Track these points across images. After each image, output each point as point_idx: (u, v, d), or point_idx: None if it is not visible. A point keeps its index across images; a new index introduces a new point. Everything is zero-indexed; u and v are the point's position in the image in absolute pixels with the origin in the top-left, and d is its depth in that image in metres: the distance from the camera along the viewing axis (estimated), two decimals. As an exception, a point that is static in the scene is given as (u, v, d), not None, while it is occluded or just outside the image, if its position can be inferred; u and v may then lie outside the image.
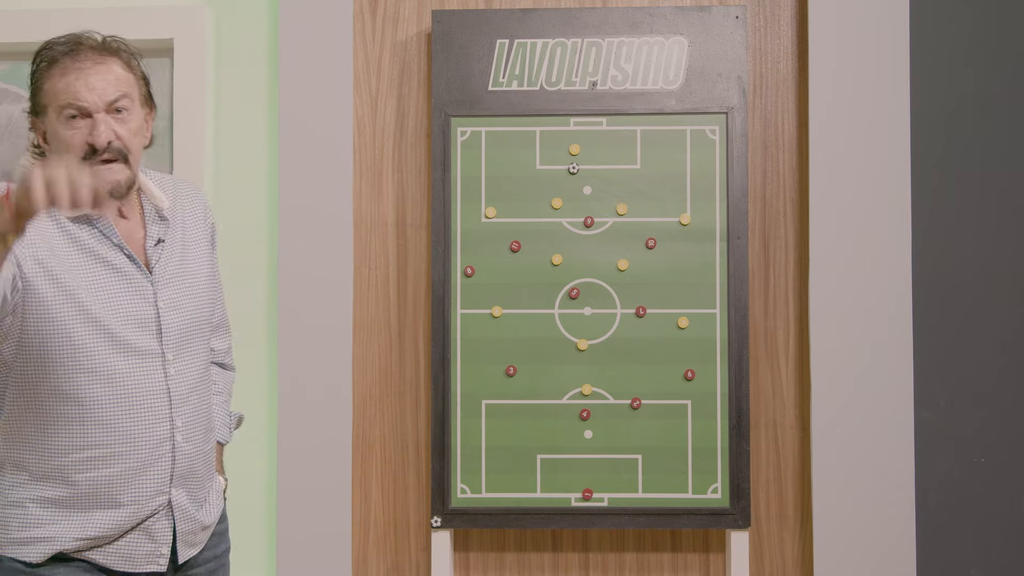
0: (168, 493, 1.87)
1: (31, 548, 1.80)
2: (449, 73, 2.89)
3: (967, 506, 2.90)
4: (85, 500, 1.81)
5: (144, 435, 1.83)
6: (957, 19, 2.94)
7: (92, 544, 1.81)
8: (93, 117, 1.82)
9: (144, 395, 1.83)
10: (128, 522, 1.83)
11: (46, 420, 1.80)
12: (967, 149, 2.94)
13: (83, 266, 1.81)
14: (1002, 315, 2.93)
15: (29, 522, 1.80)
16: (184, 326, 1.91)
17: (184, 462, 1.88)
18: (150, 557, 1.86)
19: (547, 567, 2.94)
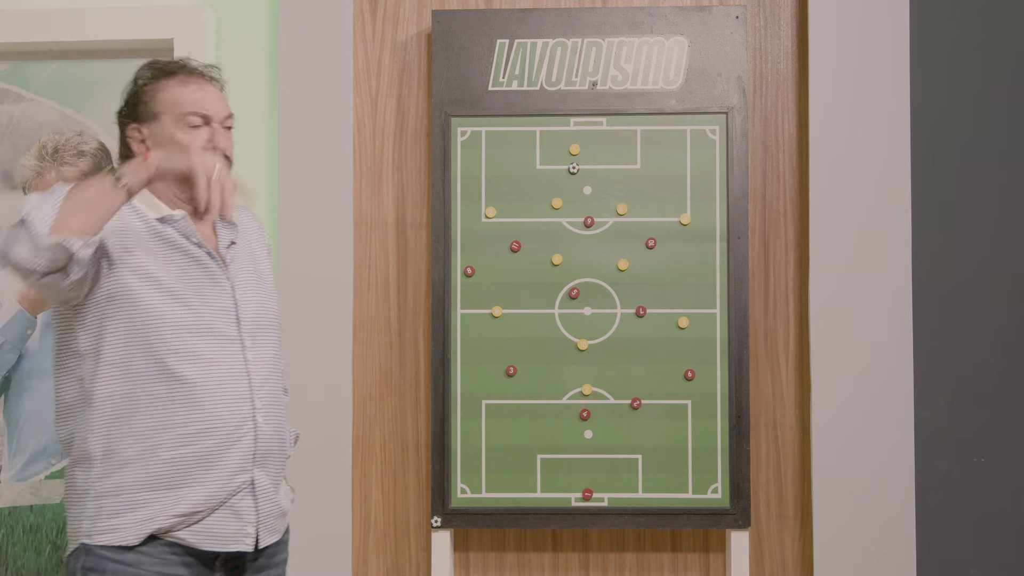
0: (251, 472, 1.95)
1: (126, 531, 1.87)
2: (449, 73, 2.89)
3: (967, 506, 2.90)
4: (175, 478, 1.88)
5: (228, 414, 1.92)
6: (957, 19, 2.94)
7: (184, 522, 1.89)
8: (211, 126, 1.99)
9: (228, 376, 1.94)
10: (215, 498, 1.91)
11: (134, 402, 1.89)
12: (967, 149, 2.94)
13: (169, 258, 1.93)
14: (1002, 315, 2.93)
15: (124, 506, 1.88)
16: (258, 317, 2.04)
17: (264, 442, 1.97)
18: (237, 536, 1.93)
19: (547, 567, 2.94)
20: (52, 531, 3.00)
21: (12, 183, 3.05)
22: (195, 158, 1.80)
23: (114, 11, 2.97)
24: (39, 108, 3.05)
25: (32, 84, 3.05)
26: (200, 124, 1.99)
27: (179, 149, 1.94)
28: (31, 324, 3.03)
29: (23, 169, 3.05)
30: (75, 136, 3.04)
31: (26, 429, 3.02)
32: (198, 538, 1.91)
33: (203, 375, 1.92)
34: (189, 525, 1.90)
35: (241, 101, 2.96)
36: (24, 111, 3.05)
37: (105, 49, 3.02)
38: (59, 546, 3.00)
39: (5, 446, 3.03)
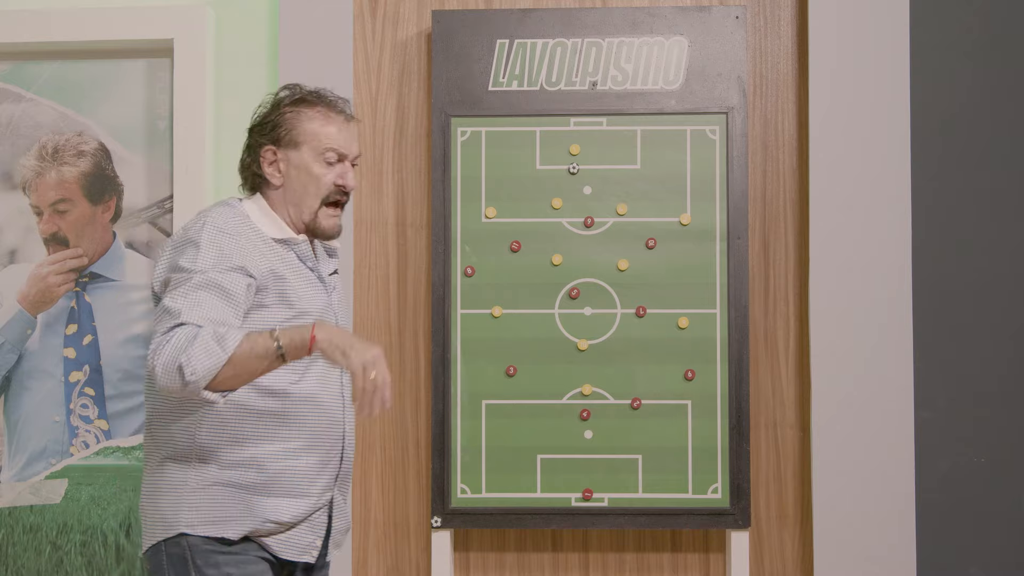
0: (333, 491, 2.07)
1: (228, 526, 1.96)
2: (449, 73, 2.89)
3: (967, 506, 2.90)
4: (276, 488, 1.97)
5: (327, 434, 2.03)
6: (957, 19, 2.94)
7: (277, 529, 1.98)
8: (344, 163, 2.10)
9: (331, 398, 2.04)
10: (305, 513, 2.01)
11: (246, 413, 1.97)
12: (967, 149, 2.94)
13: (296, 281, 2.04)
14: (1002, 315, 2.93)
15: (226, 503, 1.96)
16: None
17: (347, 463, 2.10)
18: (308, 548, 2.04)
19: (547, 567, 2.94)
20: (52, 531, 3.00)
21: (12, 183, 3.05)
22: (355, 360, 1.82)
23: (114, 11, 2.97)
24: (39, 108, 3.05)
25: (32, 84, 3.05)
26: (335, 161, 2.08)
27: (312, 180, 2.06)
28: (31, 324, 3.03)
29: (23, 169, 3.05)
30: (75, 136, 3.04)
31: (26, 429, 3.02)
32: (281, 546, 2.01)
33: (315, 394, 2.01)
34: (276, 533, 2.00)
35: (241, 101, 2.97)
36: (24, 111, 3.05)
37: (105, 49, 3.02)
38: (59, 546, 3.00)
39: (5, 446, 3.03)
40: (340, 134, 2.09)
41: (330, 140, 2.07)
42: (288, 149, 2.08)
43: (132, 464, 3.00)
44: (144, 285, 3.00)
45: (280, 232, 2.07)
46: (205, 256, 1.94)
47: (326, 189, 2.07)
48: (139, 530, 2.97)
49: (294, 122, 2.08)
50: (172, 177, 2.97)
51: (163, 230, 3.01)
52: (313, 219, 2.08)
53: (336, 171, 2.08)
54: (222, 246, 1.97)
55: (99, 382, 3.01)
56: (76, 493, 3.01)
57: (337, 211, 2.10)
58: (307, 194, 2.06)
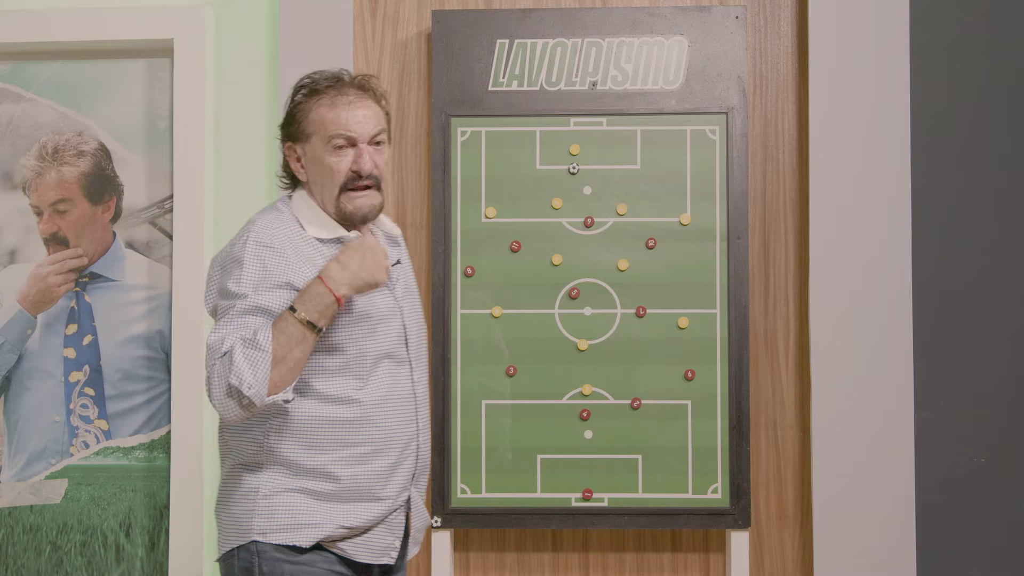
0: (409, 490, 2.05)
1: (299, 533, 1.94)
2: (449, 73, 2.89)
3: (967, 506, 2.90)
4: (349, 493, 1.96)
5: (399, 434, 2.01)
6: (957, 19, 2.94)
7: (350, 534, 1.97)
8: (358, 147, 2.00)
9: (400, 398, 2.02)
10: (380, 515, 2.00)
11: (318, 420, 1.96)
12: (967, 149, 2.94)
13: None
14: (1002, 315, 2.93)
15: (297, 510, 1.95)
16: (419, 338, 2.11)
17: (422, 462, 2.08)
18: (387, 550, 2.02)
19: (547, 567, 2.94)
20: (52, 531, 3.00)
21: (12, 183, 3.05)
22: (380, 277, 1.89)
23: (114, 11, 2.97)
24: (39, 108, 3.05)
25: (32, 84, 3.05)
26: (344, 145, 2.00)
27: (326, 170, 1.99)
28: (31, 324, 3.03)
29: (23, 169, 3.05)
30: (75, 136, 3.04)
31: (26, 429, 3.02)
32: (357, 550, 2.00)
33: (380, 396, 1.99)
34: (351, 537, 1.99)
35: (241, 101, 2.97)
36: (24, 111, 3.05)
37: (105, 49, 3.02)
38: (59, 546, 3.00)
39: (5, 446, 3.03)
40: (349, 116, 2.00)
41: (336, 126, 1.99)
42: (303, 143, 2.04)
43: (132, 464, 3.00)
44: (144, 285, 3.01)
45: (328, 231, 2.03)
46: (249, 275, 1.92)
47: (341, 177, 2.00)
48: (138, 530, 2.97)
49: (304, 113, 2.04)
50: (172, 177, 2.97)
51: (163, 230, 3.01)
52: (337, 208, 2.01)
53: (348, 157, 2.00)
54: (266, 262, 1.94)
55: (99, 382, 3.01)
56: (76, 493, 3.01)
57: (361, 192, 2.01)
58: (325, 185, 2.01)
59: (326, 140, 2.00)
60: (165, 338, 2.99)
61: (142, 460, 3.00)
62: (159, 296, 3.00)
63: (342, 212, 2.02)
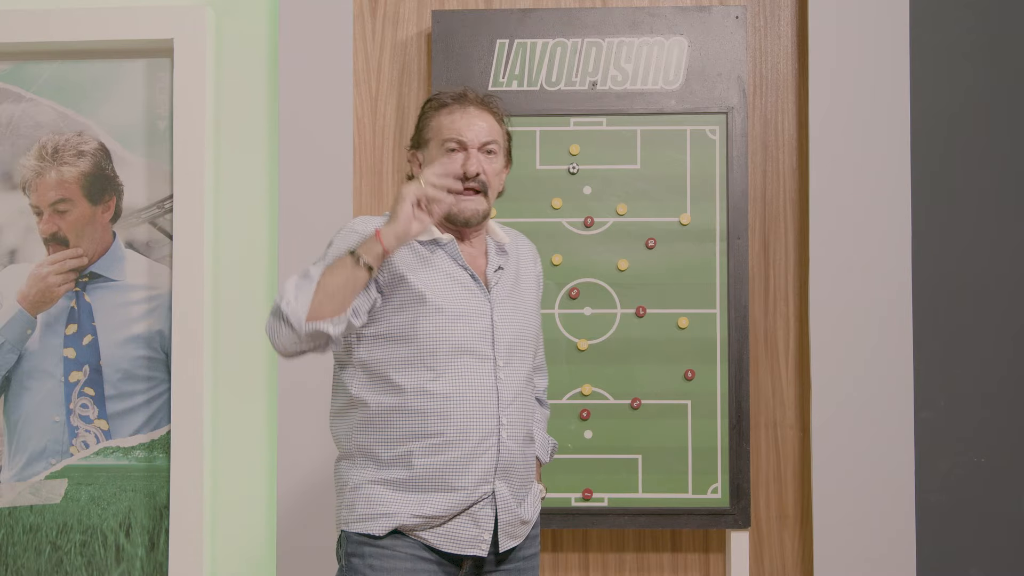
0: (492, 483, 2.09)
1: (375, 523, 2.06)
2: (449, 73, 2.89)
3: (967, 506, 2.90)
4: (423, 483, 2.06)
5: (475, 427, 2.07)
6: (957, 19, 2.94)
7: (426, 524, 2.06)
8: (468, 151, 2.14)
9: (477, 392, 2.08)
10: (458, 506, 2.06)
11: (393, 412, 2.07)
12: (967, 149, 2.94)
13: (435, 280, 2.11)
14: (1002, 315, 2.93)
15: (375, 501, 2.07)
16: (513, 339, 2.16)
17: (507, 456, 2.10)
18: (474, 541, 2.08)
19: (547, 567, 2.94)
20: (52, 531, 3.00)
21: (12, 183, 3.05)
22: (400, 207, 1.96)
23: (114, 11, 2.97)
24: (39, 108, 3.05)
25: (32, 84, 3.05)
26: (456, 148, 2.14)
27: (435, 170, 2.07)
28: (31, 324, 3.03)
29: (23, 169, 3.05)
30: (75, 136, 3.04)
31: (26, 429, 3.02)
32: (439, 540, 2.08)
33: (455, 391, 2.07)
34: (432, 527, 2.07)
35: (241, 101, 2.98)
36: (24, 111, 3.05)
37: (105, 49, 3.02)
38: (59, 546, 3.00)
39: (5, 446, 3.03)
40: (462, 122, 2.14)
41: (450, 130, 2.13)
42: (423, 149, 2.19)
43: (132, 464, 3.00)
44: (144, 285, 3.01)
45: (429, 234, 2.14)
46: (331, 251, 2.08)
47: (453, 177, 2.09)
48: (138, 530, 2.98)
49: (425, 123, 2.19)
50: (172, 177, 2.97)
51: (163, 230, 3.01)
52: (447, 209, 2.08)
53: (458, 160, 2.12)
54: (348, 241, 2.08)
55: (99, 382, 3.01)
56: (76, 493, 3.01)
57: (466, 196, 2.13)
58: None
59: (440, 143, 2.14)
60: (165, 338, 2.99)
61: (142, 460, 3.00)
62: (159, 296, 3.00)
63: (450, 214, 2.13)
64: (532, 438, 2.23)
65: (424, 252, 2.13)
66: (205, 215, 2.94)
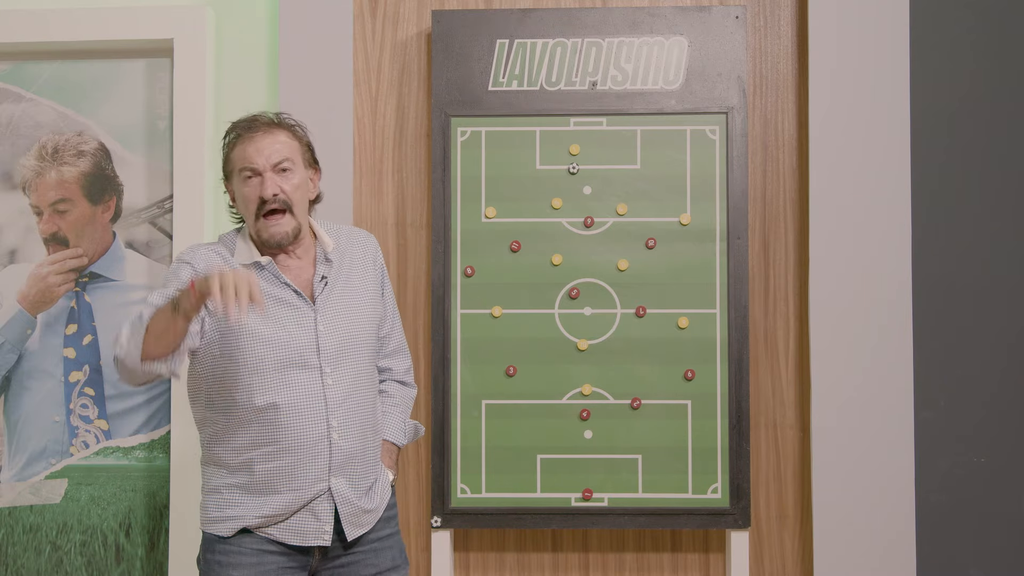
0: (327, 481, 2.24)
1: (224, 525, 2.24)
2: (449, 73, 2.89)
3: (967, 506, 2.90)
4: (263, 486, 2.22)
5: (305, 433, 2.22)
6: (957, 19, 2.94)
7: (269, 521, 2.22)
8: (262, 175, 2.24)
9: (304, 401, 2.22)
10: (295, 503, 2.22)
11: (235, 424, 2.23)
12: (967, 149, 2.94)
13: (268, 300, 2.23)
14: (1002, 315, 2.93)
15: (222, 505, 2.24)
16: (341, 343, 2.28)
17: (340, 455, 2.24)
18: (316, 533, 2.24)
19: (547, 567, 2.94)
20: (52, 531, 3.00)
21: (12, 183, 3.05)
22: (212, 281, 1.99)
23: (114, 11, 2.97)
24: (39, 108, 3.05)
25: (32, 84, 3.05)
26: (251, 176, 2.24)
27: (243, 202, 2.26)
28: (31, 324, 3.03)
29: (23, 169, 3.05)
30: (75, 136, 3.04)
31: (26, 429, 3.02)
32: (284, 534, 2.23)
33: (284, 402, 2.20)
34: (275, 523, 2.23)
35: (241, 101, 2.97)
36: (24, 111, 3.05)
37: (105, 49, 3.02)
38: (59, 546, 3.00)
39: (5, 446, 3.03)
40: (252, 149, 2.24)
41: (243, 160, 2.24)
42: (231, 181, 2.30)
43: (132, 464, 3.00)
44: (144, 285, 3.01)
45: (248, 257, 2.27)
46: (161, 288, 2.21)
47: (252, 205, 2.23)
48: (138, 530, 2.98)
49: (226, 157, 2.30)
50: (172, 177, 2.97)
51: (163, 230, 3.01)
52: (257, 235, 2.25)
53: (254, 187, 2.23)
54: (179, 275, 2.24)
55: (99, 382, 3.01)
56: (76, 493, 3.01)
57: (273, 219, 2.23)
58: (246, 215, 2.26)
59: (239, 174, 2.26)
60: (165, 338, 2.99)
61: (142, 460, 3.00)
62: (159, 296, 3.00)
63: (261, 240, 2.25)
64: (374, 429, 2.35)
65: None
66: (205, 215, 2.94)
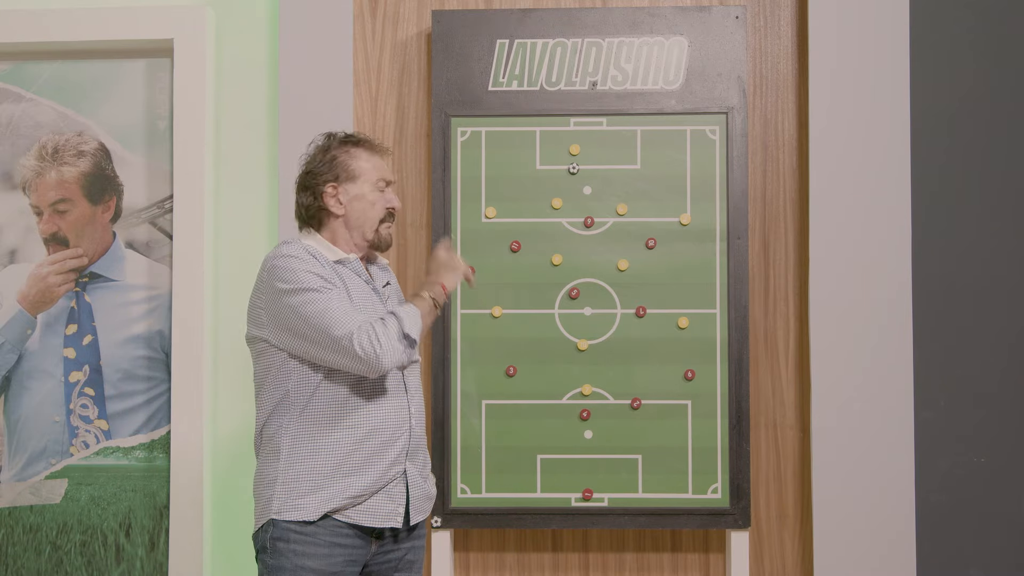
0: (404, 464, 2.37)
1: (311, 509, 2.30)
2: (449, 73, 2.89)
3: (967, 506, 2.90)
4: (351, 468, 2.32)
5: (391, 419, 2.35)
6: (957, 19, 2.94)
7: (353, 503, 2.32)
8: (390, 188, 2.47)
9: (391, 388, 2.37)
10: (376, 485, 2.33)
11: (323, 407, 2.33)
12: (967, 149, 2.94)
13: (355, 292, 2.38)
14: (1002, 315, 2.93)
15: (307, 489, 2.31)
16: None
17: (415, 441, 2.40)
18: (390, 515, 2.35)
19: (547, 567, 2.94)
20: (52, 531, 3.00)
21: (12, 183, 3.05)
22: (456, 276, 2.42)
23: (114, 11, 2.97)
24: (39, 108, 3.05)
25: (32, 84, 3.05)
26: (384, 188, 2.45)
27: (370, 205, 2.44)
28: (31, 324, 3.03)
29: (23, 169, 3.05)
30: (75, 136, 3.04)
31: (26, 429, 3.02)
32: (362, 516, 2.33)
33: (373, 388, 2.34)
34: (355, 505, 2.33)
35: (241, 101, 2.98)
36: (24, 111, 3.05)
37: (105, 49, 3.02)
38: (59, 546, 3.00)
39: (5, 446, 3.03)
40: (382, 164, 2.46)
41: (380, 172, 2.44)
42: (347, 183, 2.41)
43: (132, 464, 3.00)
44: (144, 285, 3.01)
45: (335, 255, 2.41)
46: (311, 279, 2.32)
47: (379, 213, 2.43)
48: (138, 530, 2.98)
49: (348, 161, 2.43)
50: (172, 177, 2.97)
51: (163, 230, 3.01)
52: (375, 234, 2.43)
53: (386, 196, 2.44)
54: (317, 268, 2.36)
55: (99, 382, 3.01)
56: (76, 493, 3.01)
57: (391, 224, 2.46)
58: (367, 217, 2.42)
59: (372, 182, 2.43)
60: (165, 338, 2.99)
61: (142, 460, 3.00)
62: (159, 296, 3.00)
63: (379, 238, 2.44)
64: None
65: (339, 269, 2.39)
66: (205, 215, 2.94)
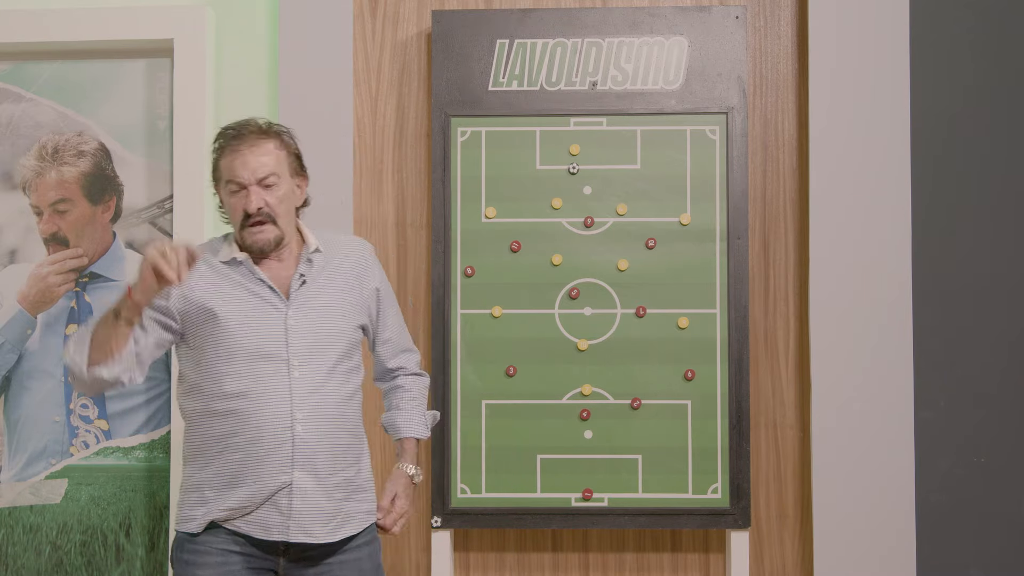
0: (290, 474, 2.24)
1: (193, 522, 2.26)
2: (449, 73, 2.89)
3: (967, 506, 2.90)
4: (229, 478, 2.24)
5: (268, 424, 2.23)
6: (957, 19, 2.94)
7: (235, 514, 2.24)
8: (247, 189, 2.28)
9: (270, 392, 2.24)
10: (259, 496, 2.23)
11: (207, 416, 2.27)
12: (967, 149, 2.94)
13: (229, 294, 2.30)
14: (1002, 315, 2.93)
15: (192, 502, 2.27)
16: (313, 340, 2.31)
17: (304, 449, 2.25)
18: (281, 528, 2.24)
19: (547, 567, 2.94)
20: (52, 531, 3.00)
21: (12, 183, 3.05)
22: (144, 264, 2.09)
23: (114, 11, 2.97)
24: (39, 108, 3.05)
25: (32, 84, 3.05)
26: (237, 190, 2.29)
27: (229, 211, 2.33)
28: (31, 324, 3.03)
29: (23, 169, 3.05)
30: (75, 136, 3.04)
31: (26, 429, 3.02)
32: (250, 527, 2.24)
33: (251, 391, 2.24)
34: (242, 516, 2.24)
35: (241, 101, 2.98)
36: (24, 111, 3.05)
37: (105, 49, 3.02)
38: (59, 546, 3.00)
39: (5, 446, 3.03)
40: (238, 163, 2.28)
41: (230, 172, 2.28)
42: (219, 185, 2.34)
43: (132, 464, 3.00)
44: (144, 285, 3.01)
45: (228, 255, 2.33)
46: None
47: (237, 217, 2.30)
48: (138, 530, 2.98)
49: (217, 160, 2.33)
50: (172, 177, 2.97)
51: (163, 230, 3.01)
52: (242, 241, 2.31)
53: (240, 200, 2.28)
54: None
55: (99, 382, 3.01)
56: (76, 493, 3.01)
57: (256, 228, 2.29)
58: (232, 223, 2.33)
59: (225, 185, 2.31)
60: (165, 338, 2.99)
61: (142, 460, 3.00)
62: (159, 296, 3.00)
63: (244, 245, 2.31)
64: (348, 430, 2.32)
65: (226, 270, 2.31)
66: (205, 215, 2.94)
